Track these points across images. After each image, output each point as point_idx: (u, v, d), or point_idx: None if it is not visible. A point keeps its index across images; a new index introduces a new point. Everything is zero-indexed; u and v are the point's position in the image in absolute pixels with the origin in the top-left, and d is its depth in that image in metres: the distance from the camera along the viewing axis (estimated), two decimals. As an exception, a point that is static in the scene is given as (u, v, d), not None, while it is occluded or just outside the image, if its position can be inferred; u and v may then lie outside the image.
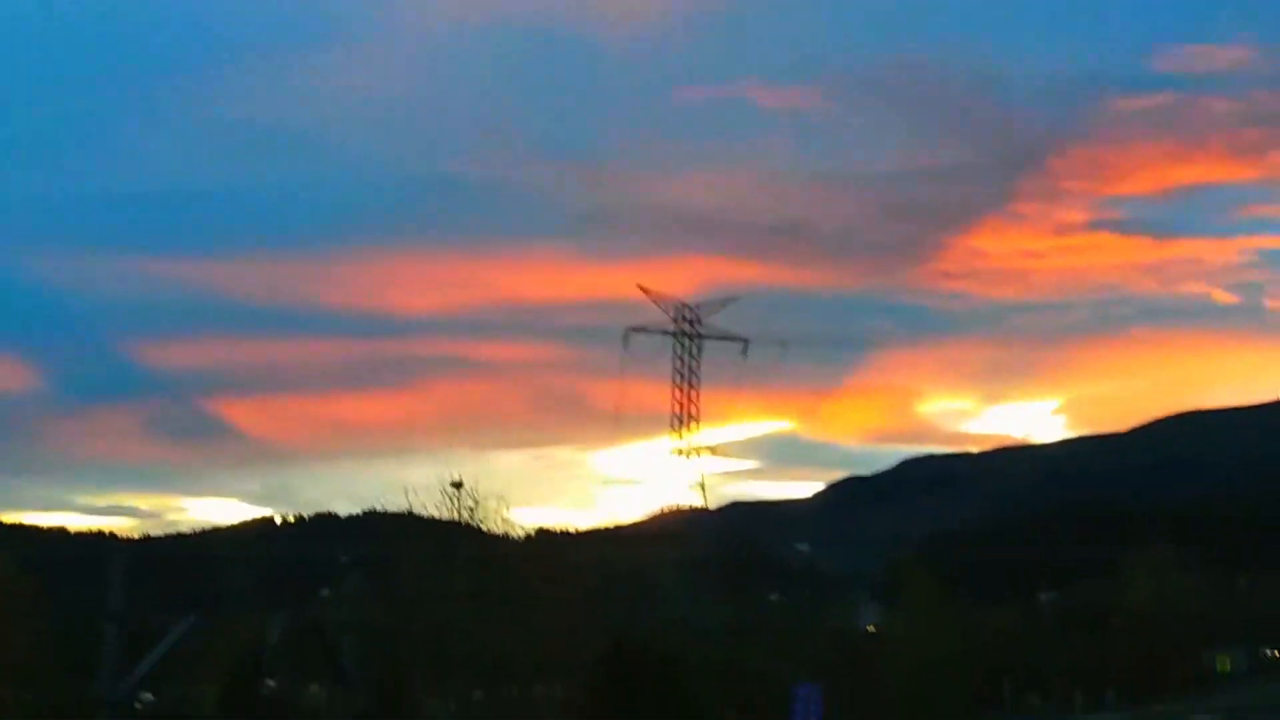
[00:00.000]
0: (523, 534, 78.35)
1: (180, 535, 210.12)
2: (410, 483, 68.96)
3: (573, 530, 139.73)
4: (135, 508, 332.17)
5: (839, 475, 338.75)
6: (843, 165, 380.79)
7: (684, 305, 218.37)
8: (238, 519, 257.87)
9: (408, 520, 71.86)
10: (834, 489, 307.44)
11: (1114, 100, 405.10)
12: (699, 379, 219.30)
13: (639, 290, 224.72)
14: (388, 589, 68.63)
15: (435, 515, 68.94)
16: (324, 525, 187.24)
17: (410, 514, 70.79)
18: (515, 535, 75.22)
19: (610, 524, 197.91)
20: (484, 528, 69.86)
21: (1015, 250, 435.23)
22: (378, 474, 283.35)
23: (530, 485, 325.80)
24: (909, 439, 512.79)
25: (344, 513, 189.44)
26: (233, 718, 62.79)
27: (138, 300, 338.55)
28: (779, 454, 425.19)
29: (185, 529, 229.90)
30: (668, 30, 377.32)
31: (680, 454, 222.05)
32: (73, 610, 73.21)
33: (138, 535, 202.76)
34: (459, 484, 68.25)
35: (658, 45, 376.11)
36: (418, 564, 66.58)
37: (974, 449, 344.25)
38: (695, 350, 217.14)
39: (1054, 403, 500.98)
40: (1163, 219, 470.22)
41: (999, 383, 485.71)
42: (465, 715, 66.18)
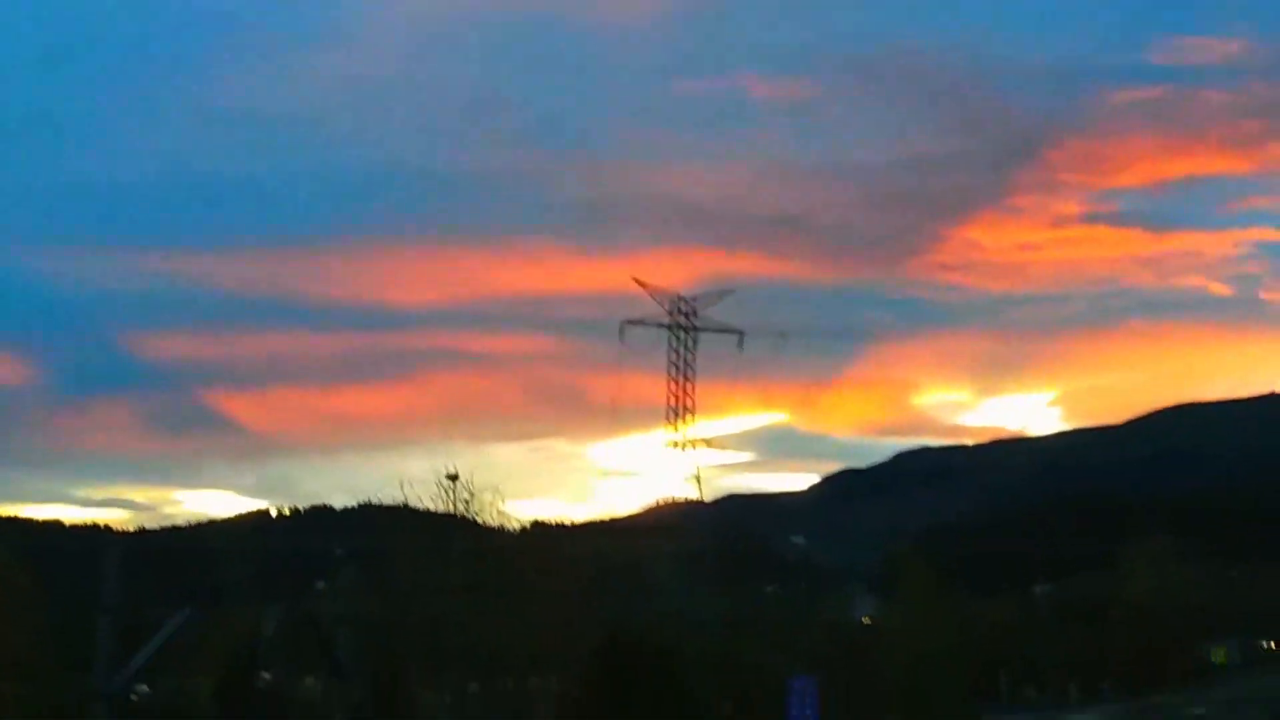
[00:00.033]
0: (519, 526, 78.27)
1: (176, 528, 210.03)
2: (406, 475, 68.90)
3: (569, 523, 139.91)
4: (131, 500, 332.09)
5: (835, 467, 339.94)
6: (839, 157, 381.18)
7: (680, 298, 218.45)
8: (233, 512, 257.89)
9: (403, 513, 71.75)
10: (830, 481, 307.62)
11: (1110, 92, 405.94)
12: (695, 371, 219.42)
13: (635, 283, 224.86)
14: (383, 581, 68.58)
15: (431, 508, 68.86)
16: (320, 518, 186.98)
17: (406, 506, 70.70)
18: (511, 528, 75.13)
19: (606, 516, 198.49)
20: (480, 520, 69.76)
21: (1012, 242, 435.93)
22: (373, 467, 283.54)
23: (526, 478, 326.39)
24: (905, 431, 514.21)
25: (339, 505, 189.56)
26: (228, 711, 62.71)
27: (133, 293, 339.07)
28: (775, 446, 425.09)
29: (181, 522, 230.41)
30: (664, 22, 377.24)
31: (676, 446, 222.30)
32: (69, 603, 72.99)
33: (133, 528, 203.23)
34: (455, 476, 68.16)
35: (654, 37, 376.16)
36: (413, 556, 66.48)
37: (970, 441, 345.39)
38: (691, 343, 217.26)
39: (1050, 395, 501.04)
40: (1159, 211, 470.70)
41: (995, 375, 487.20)
42: (461, 707, 66.11)
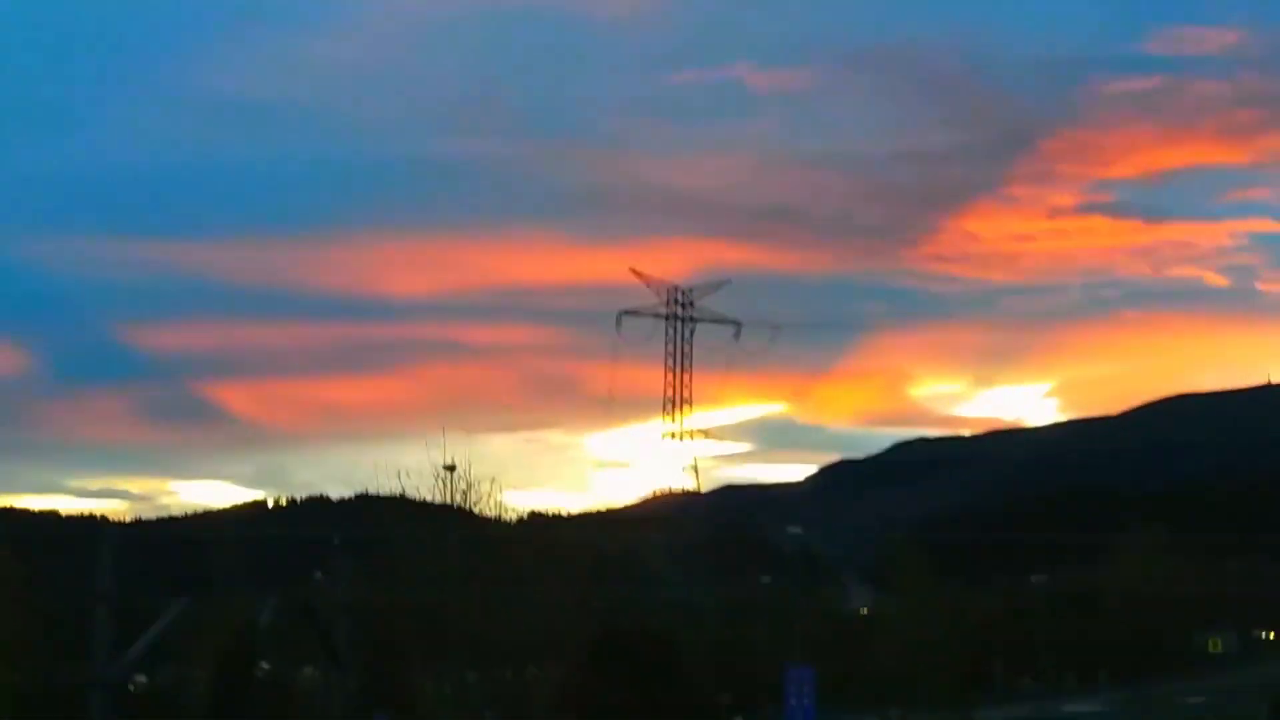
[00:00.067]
0: (515, 517, 78.31)
1: (172, 518, 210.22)
2: (402, 466, 68.94)
3: (565, 513, 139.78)
4: (127, 491, 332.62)
5: (831, 458, 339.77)
6: (835, 148, 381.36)
7: (676, 288, 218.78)
8: (229, 502, 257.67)
9: (400, 503, 71.78)
10: (826, 472, 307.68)
11: (1106, 83, 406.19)
12: (691, 362, 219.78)
13: (631, 273, 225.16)
14: (380, 572, 68.63)
15: (428, 498, 68.93)
16: (316, 508, 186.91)
17: (403, 497, 70.74)
18: (508, 518, 75.18)
19: (603, 507, 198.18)
20: (477, 511, 69.81)
21: (1007, 233, 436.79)
22: (370, 457, 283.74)
23: (523, 469, 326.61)
24: (901, 422, 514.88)
25: (336, 495, 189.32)
26: (226, 700, 62.76)
27: (129, 283, 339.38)
28: (771, 437, 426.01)
29: (177, 512, 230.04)
30: (661, 12, 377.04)
31: (673, 437, 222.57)
32: (64, 594, 72.99)
33: (129, 518, 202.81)
34: (452, 467, 68.18)
35: (651, 27, 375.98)
36: (410, 547, 66.55)
37: (966, 432, 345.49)
38: (688, 333, 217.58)
39: (1045, 386, 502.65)
40: (1153, 202, 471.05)
41: (991, 366, 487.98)
42: (459, 697, 66.20)
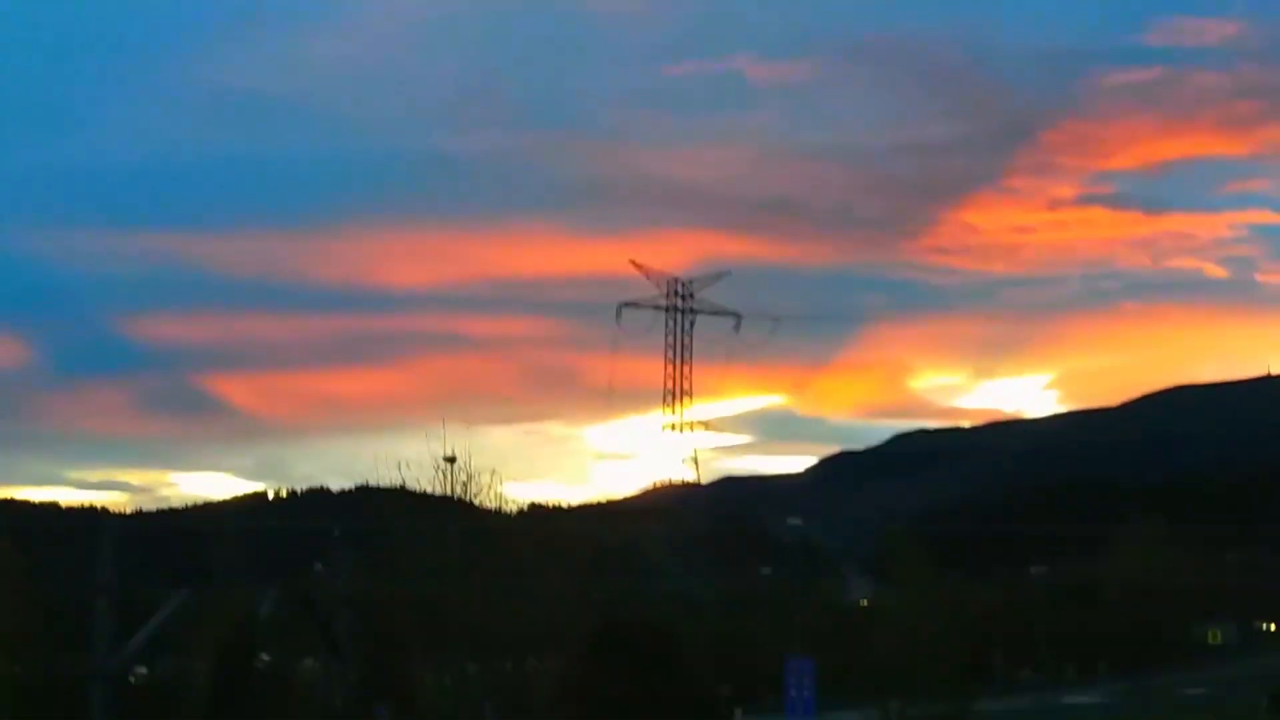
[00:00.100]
0: (515, 509, 78.40)
1: (172, 510, 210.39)
2: (403, 457, 69.07)
3: (565, 505, 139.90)
4: (127, 483, 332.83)
5: (831, 450, 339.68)
6: (835, 140, 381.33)
7: (676, 280, 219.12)
8: (230, 494, 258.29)
9: (400, 495, 71.87)
10: (826, 464, 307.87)
11: (1106, 75, 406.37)
12: (691, 354, 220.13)
13: (631, 265, 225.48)
14: (381, 563, 68.75)
15: (428, 490, 69.01)
16: (316, 500, 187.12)
17: (403, 488, 70.83)
18: (508, 510, 75.26)
19: (603, 499, 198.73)
20: (477, 503, 69.87)
21: (1007, 225, 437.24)
22: (370, 449, 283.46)
23: (523, 460, 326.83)
24: (901, 414, 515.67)
25: (336, 487, 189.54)
26: (226, 692, 62.88)
27: (130, 276, 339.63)
28: (771, 429, 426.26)
29: (177, 504, 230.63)
30: (661, 4, 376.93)
31: (673, 429, 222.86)
32: (65, 586, 73.11)
33: (130, 510, 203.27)
34: (452, 459, 68.25)
35: (650, 19, 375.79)
36: (410, 539, 66.64)
37: (966, 424, 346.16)
38: (688, 325, 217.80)
39: (1045, 377, 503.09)
40: (1153, 193, 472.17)
41: (990, 357, 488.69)
42: (459, 688, 66.31)
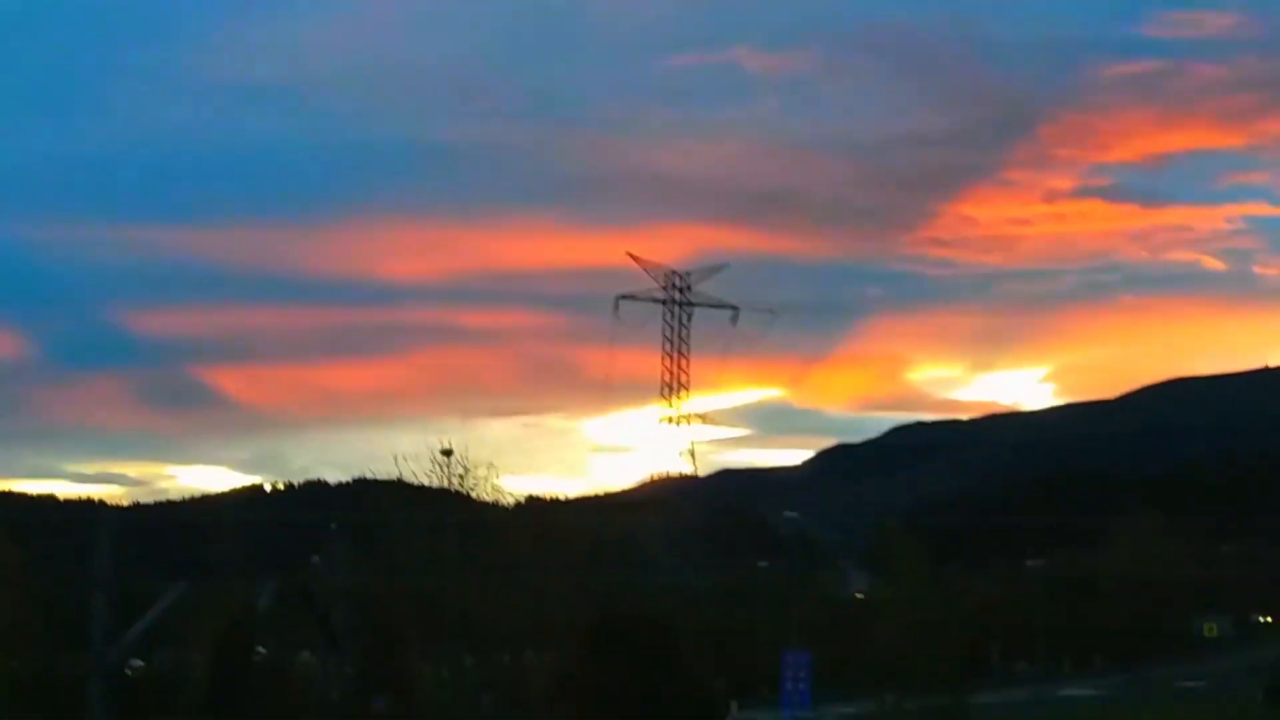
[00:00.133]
0: (513, 502, 78.53)
1: (170, 503, 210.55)
2: (400, 450, 69.22)
3: (563, 498, 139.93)
4: (125, 475, 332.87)
5: (828, 443, 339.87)
6: (833, 132, 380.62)
7: (674, 272, 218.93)
8: (227, 486, 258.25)
9: (398, 487, 71.97)
10: (823, 456, 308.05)
11: (1103, 67, 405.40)
12: (689, 346, 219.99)
13: (629, 257, 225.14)
14: (378, 556, 68.81)
15: (425, 483, 69.11)
16: (314, 493, 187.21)
17: (400, 481, 70.95)
18: (505, 503, 75.39)
19: (600, 491, 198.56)
20: (474, 495, 69.98)
21: (1004, 217, 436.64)
22: (367, 441, 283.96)
23: (520, 453, 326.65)
24: (898, 406, 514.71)
25: (334, 480, 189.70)
26: (224, 685, 62.86)
27: (127, 267, 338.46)
28: (768, 421, 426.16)
29: (175, 496, 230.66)
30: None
31: (670, 422, 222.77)
32: (62, 578, 73.13)
33: (127, 503, 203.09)
34: (449, 451, 68.35)
35: (648, 11, 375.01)
36: (408, 532, 66.70)
37: (963, 416, 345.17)
38: (685, 318, 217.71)
39: (1043, 370, 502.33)
40: (1152, 186, 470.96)
41: (988, 350, 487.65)
42: (457, 681, 66.40)
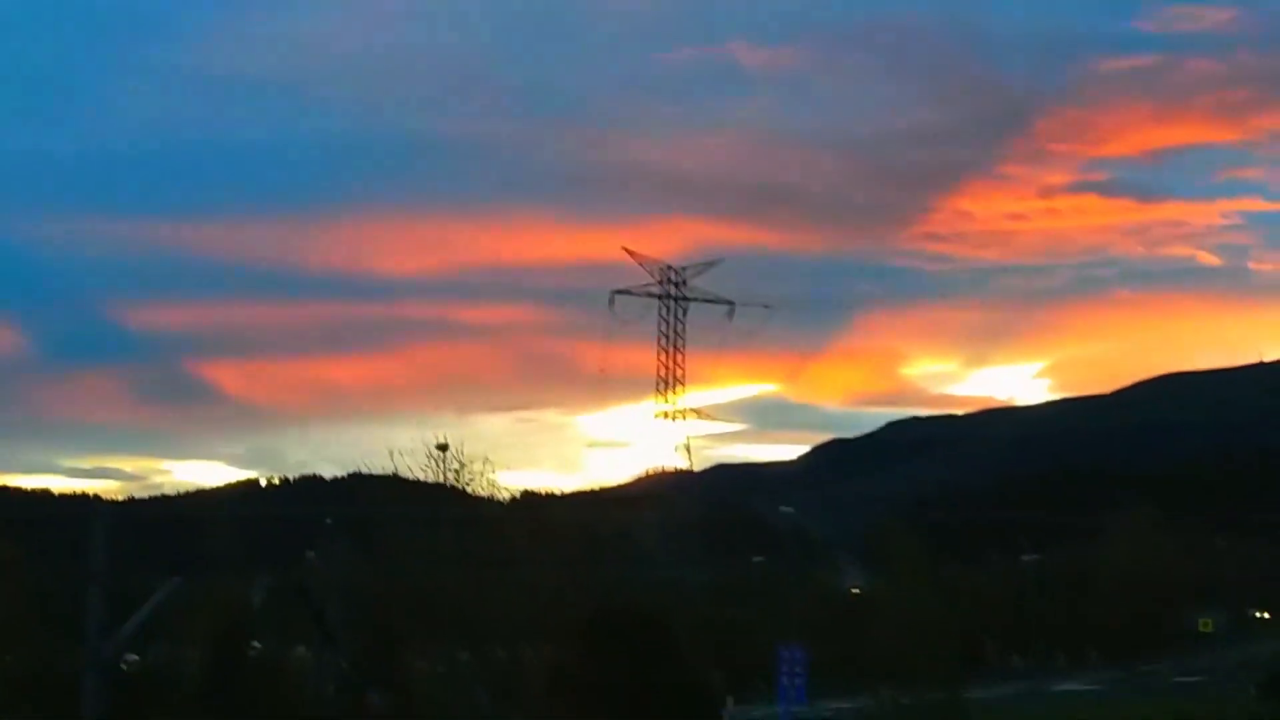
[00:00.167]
0: (508, 497, 78.58)
1: (165, 497, 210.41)
2: (395, 445, 69.26)
3: (558, 493, 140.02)
4: (120, 470, 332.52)
5: (824, 437, 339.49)
6: (829, 127, 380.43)
7: (669, 267, 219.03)
8: (223, 481, 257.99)
9: (393, 483, 71.98)
10: (819, 451, 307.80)
11: (1099, 61, 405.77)
12: (684, 341, 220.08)
13: (624, 252, 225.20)
14: (373, 551, 68.79)
15: (421, 478, 69.12)
16: (309, 488, 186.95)
17: (395, 476, 70.96)
18: (501, 498, 75.42)
19: (596, 486, 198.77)
20: (470, 490, 69.98)
21: (1000, 212, 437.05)
22: (362, 436, 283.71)
23: (515, 448, 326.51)
24: (894, 401, 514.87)
25: (329, 475, 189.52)
26: (219, 680, 62.82)
27: (122, 262, 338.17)
28: (764, 416, 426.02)
29: (170, 491, 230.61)
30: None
31: (666, 417, 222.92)
32: (57, 573, 73.02)
33: (122, 497, 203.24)
34: (444, 446, 68.38)
35: (643, 5, 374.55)
36: (403, 526, 66.70)
37: (958, 411, 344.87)
38: (681, 313, 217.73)
39: (1038, 365, 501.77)
40: (1148, 181, 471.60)
41: (984, 345, 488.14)
42: (452, 676, 66.34)
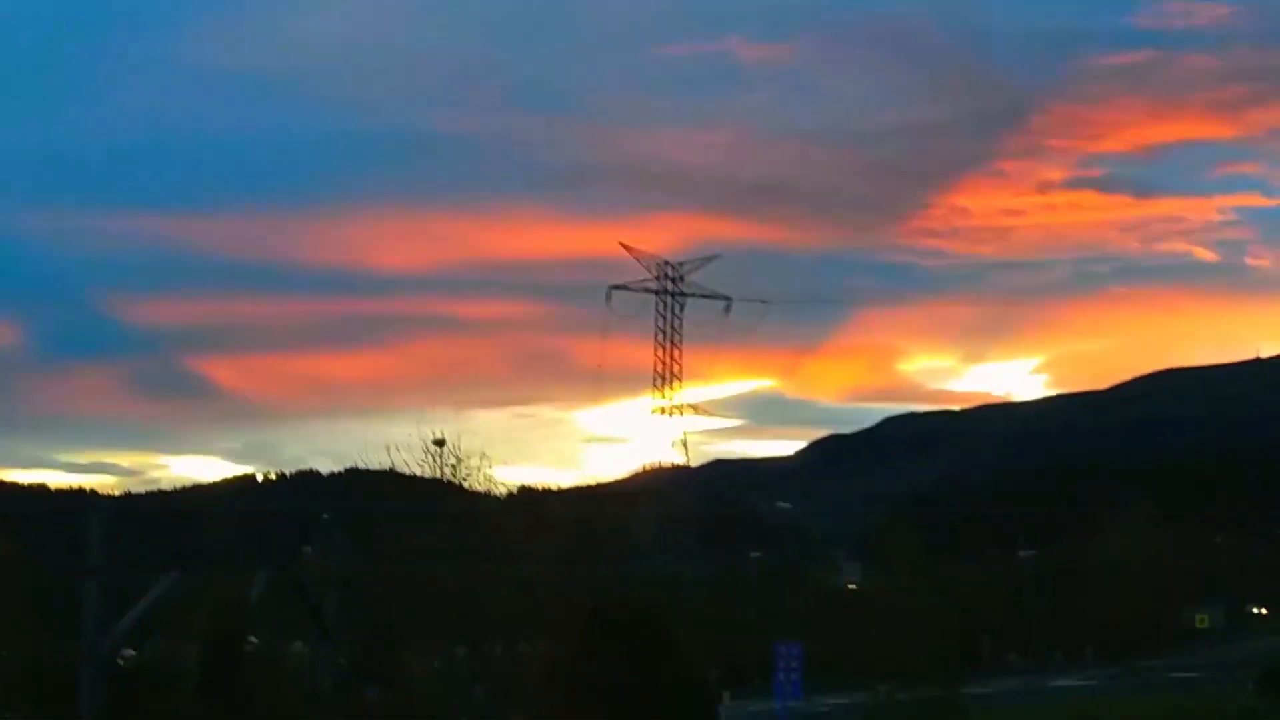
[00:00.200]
0: (505, 492, 78.55)
1: (162, 492, 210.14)
2: (392, 441, 69.21)
3: (555, 489, 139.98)
4: (116, 465, 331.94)
5: (821, 433, 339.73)
6: (825, 122, 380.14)
7: (666, 263, 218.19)
8: (219, 476, 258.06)
9: (390, 478, 71.94)
10: (815, 447, 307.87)
11: (1096, 57, 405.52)
12: (681, 337, 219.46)
13: (621, 247, 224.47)
14: (370, 547, 68.75)
15: (418, 473, 69.08)
16: (306, 483, 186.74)
17: (392, 471, 70.90)
18: (498, 493, 75.39)
19: (593, 482, 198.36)
20: (466, 486, 69.92)
21: (997, 208, 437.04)
22: (359, 432, 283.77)
23: (512, 444, 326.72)
24: (890, 397, 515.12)
25: (326, 470, 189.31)
26: (215, 675, 62.78)
27: (118, 257, 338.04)
28: (761, 412, 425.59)
29: (166, 486, 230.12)
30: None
31: (663, 412, 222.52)
32: (53, 568, 72.97)
33: (119, 492, 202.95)
34: (441, 442, 68.34)
35: (641, 1, 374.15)
36: (400, 521, 66.71)
37: (955, 407, 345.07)
38: (678, 308, 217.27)
39: (1034, 361, 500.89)
40: (1143, 177, 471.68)
41: (980, 341, 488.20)
42: (449, 672, 66.31)
